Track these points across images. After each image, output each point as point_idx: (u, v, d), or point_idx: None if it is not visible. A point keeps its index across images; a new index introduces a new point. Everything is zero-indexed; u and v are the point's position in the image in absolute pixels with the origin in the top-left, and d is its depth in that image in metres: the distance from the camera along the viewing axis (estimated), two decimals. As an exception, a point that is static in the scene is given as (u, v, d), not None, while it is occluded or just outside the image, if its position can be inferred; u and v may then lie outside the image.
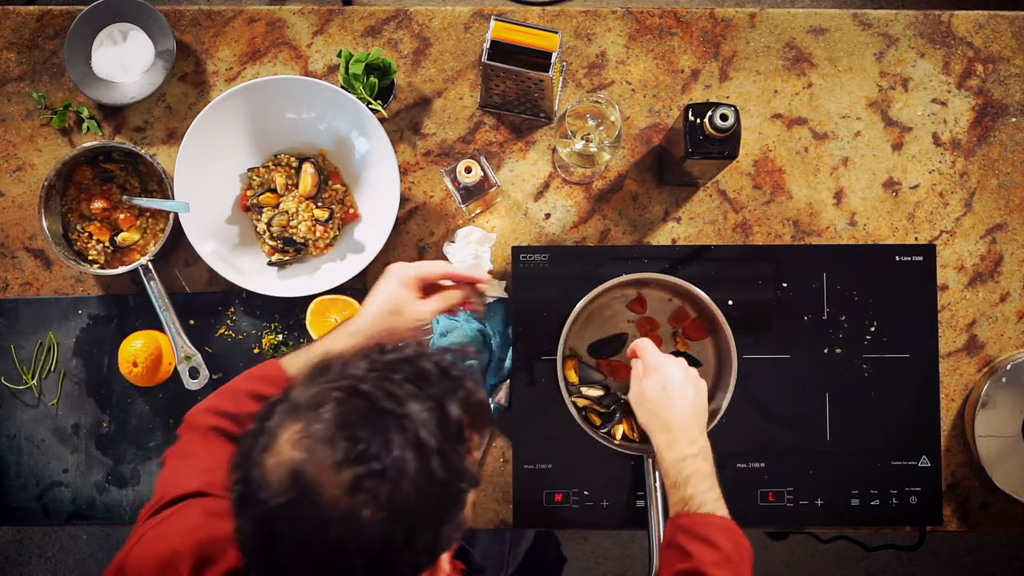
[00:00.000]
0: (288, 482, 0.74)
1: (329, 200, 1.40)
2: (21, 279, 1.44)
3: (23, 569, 2.36)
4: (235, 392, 1.10)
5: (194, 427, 1.08)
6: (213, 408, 1.08)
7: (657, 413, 1.17)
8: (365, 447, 0.74)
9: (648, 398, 1.18)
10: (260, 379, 1.10)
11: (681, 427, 1.15)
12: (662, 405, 1.17)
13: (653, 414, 1.17)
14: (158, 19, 1.41)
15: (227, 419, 1.07)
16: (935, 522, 1.39)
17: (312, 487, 0.73)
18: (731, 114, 1.19)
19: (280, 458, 0.75)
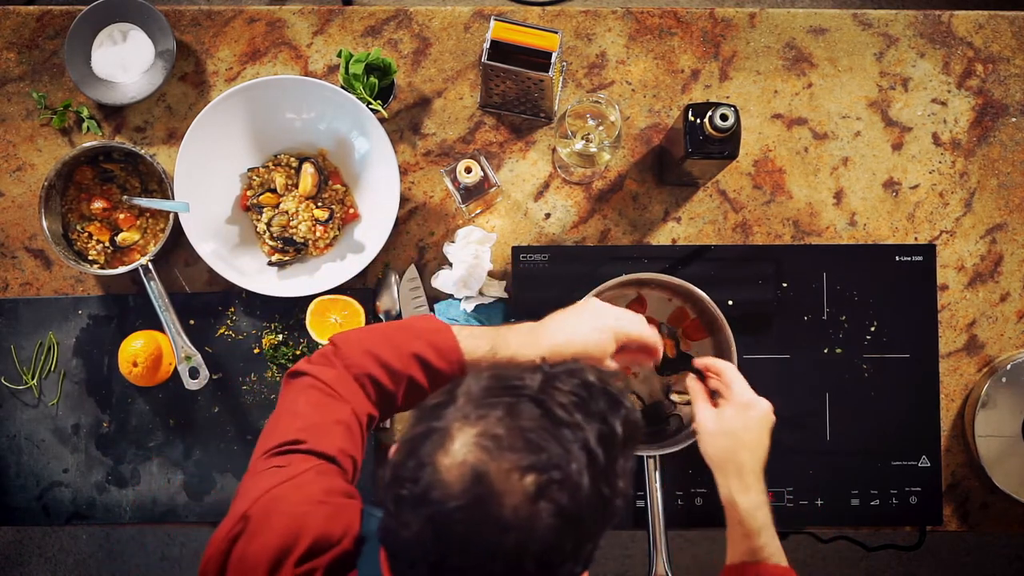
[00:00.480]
0: (470, 484, 0.73)
1: (329, 200, 1.40)
2: (21, 279, 1.44)
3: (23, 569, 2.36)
4: (401, 349, 1.04)
5: (349, 364, 1.03)
6: (376, 355, 1.03)
7: (735, 453, 1.13)
8: (548, 455, 0.74)
9: (729, 433, 1.13)
10: (433, 348, 1.05)
11: (755, 473, 1.13)
12: (743, 446, 1.13)
13: (730, 452, 1.13)
14: (158, 19, 1.41)
15: (387, 373, 1.03)
16: (935, 522, 1.39)
17: (495, 491, 0.73)
18: (731, 114, 1.19)
19: (457, 460, 0.74)
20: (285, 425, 0.98)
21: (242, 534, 0.88)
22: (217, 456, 1.40)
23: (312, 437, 0.96)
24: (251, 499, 0.90)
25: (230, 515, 0.91)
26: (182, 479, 1.40)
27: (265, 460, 0.96)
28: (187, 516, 1.41)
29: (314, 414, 0.99)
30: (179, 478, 1.41)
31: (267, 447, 0.97)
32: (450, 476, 0.74)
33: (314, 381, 1.02)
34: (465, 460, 0.74)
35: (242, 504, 0.90)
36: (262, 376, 1.41)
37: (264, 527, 0.88)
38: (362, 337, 1.07)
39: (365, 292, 1.41)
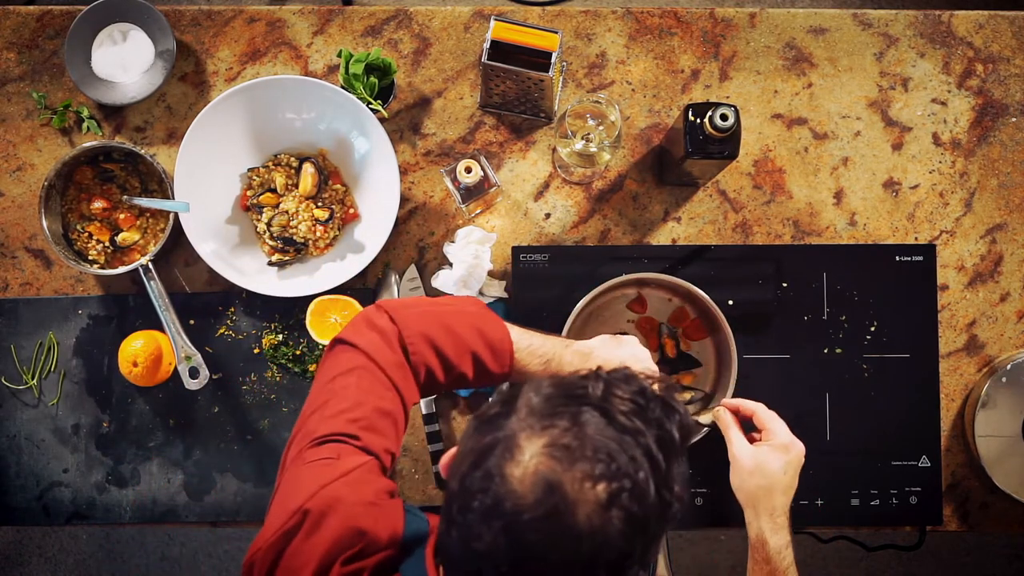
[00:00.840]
0: (543, 495, 0.74)
1: (329, 200, 1.40)
2: (21, 279, 1.44)
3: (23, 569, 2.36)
4: (461, 343, 1.03)
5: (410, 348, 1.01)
6: (436, 345, 1.02)
7: (771, 493, 1.15)
8: (616, 464, 0.75)
9: (767, 474, 1.15)
10: (489, 347, 1.05)
11: (787, 514, 1.15)
12: (779, 487, 1.15)
13: (765, 491, 1.15)
14: (158, 19, 1.41)
15: (442, 366, 1.02)
16: (935, 522, 1.39)
17: (568, 501, 0.74)
18: (731, 114, 1.19)
19: (529, 470, 0.75)
20: (335, 411, 0.96)
21: (299, 529, 0.88)
22: (217, 456, 1.40)
23: (363, 432, 0.96)
24: (308, 493, 0.89)
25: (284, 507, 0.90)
26: (182, 479, 1.41)
27: (314, 450, 0.94)
28: (187, 516, 1.41)
29: (366, 403, 0.97)
30: (179, 478, 1.41)
31: (316, 435, 0.95)
32: (522, 487, 0.74)
33: (368, 363, 1.00)
34: (537, 470, 0.74)
35: (298, 497, 0.90)
36: (262, 376, 1.41)
37: (321, 525, 0.88)
38: (421, 318, 1.04)
39: (365, 292, 1.41)
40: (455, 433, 1.41)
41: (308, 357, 1.41)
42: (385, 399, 0.99)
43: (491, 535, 0.75)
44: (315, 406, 0.98)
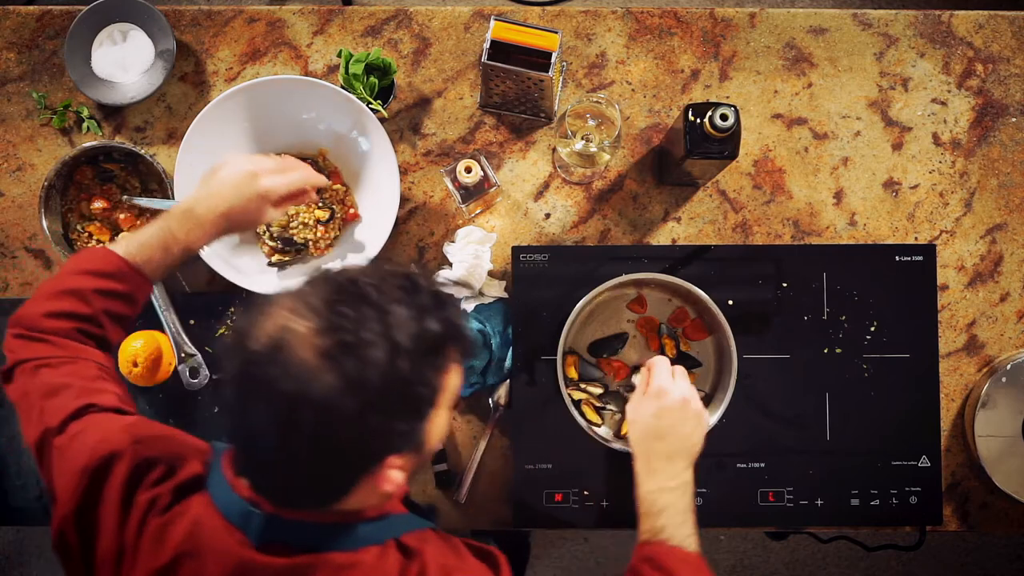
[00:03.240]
0: (271, 337, 0.84)
1: (329, 200, 1.40)
2: (21, 279, 1.44)
3: (23, 569, 2.36)
4: (80, 292, 1.07)
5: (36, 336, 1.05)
6: (59, 312, 1.06)
7: (643, 439, 1.15)
8: (341, 322, 0.84)
9: (639, 422, 1.16)
10: (105, 276, 1.09)
11: (665, 459, 1.13)
12: (651, 433, 1.15)
13: (639, 439, 1.15)
14: (158, 19, 1.41)
15: (84, 321, 1.07)
16: (935, 522, 1.39)
17: (287, 343, 0.83)
18: (731, 114, 1.19)
19: (271, 320, 0.86)
20: (55, 406, 1.00)
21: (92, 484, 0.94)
22: (217, 456, 1.40)
23: (92, 397, 1.01)
24: (86, 454, 0.95)
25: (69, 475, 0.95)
26: (182, 479, 1.40)
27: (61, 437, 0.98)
28: (187, 516, 1.41)
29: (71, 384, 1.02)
30: (179, 478, 1.40)
31: (53, 425, 0.99)
32: (261, 331, 0.85)
33: (41, 362, 1.04)
34: (276, 320, 0.85)
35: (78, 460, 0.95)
36: (262, 376, 1.41)
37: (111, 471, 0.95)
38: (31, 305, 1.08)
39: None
40: (455, 433, 1.41)
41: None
42: (80, 370, 1.04)
43: (230, 370, 0.87)
44: (34, 418, 1.01)
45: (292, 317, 0.85)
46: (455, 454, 1.40)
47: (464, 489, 1.39)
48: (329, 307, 0.85)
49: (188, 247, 1.13)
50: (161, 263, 1.12)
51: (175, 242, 1.12)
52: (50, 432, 0.99)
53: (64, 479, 0.96)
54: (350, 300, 0.86)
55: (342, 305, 0.85)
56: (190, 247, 1.14)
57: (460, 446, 1.41)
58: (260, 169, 1.15)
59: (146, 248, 1.11)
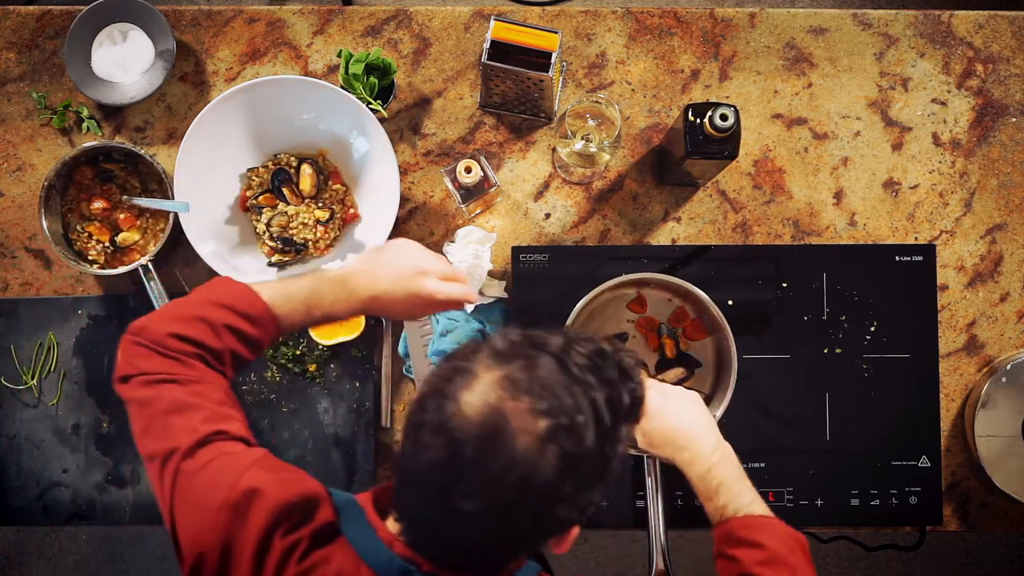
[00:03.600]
0: (488, 418, 0.80)
1: (329, 200, 1.40)
2: (21, 279, 1.44)
3: (23, 569, 2.36)
4: (214, 325, 1.03)
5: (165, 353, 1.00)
6: (184, 334, 1.01)
7: (666, 436, 1.15)
8: (560, 404, 0.81)
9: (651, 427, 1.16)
10: (244, 317, 1.04)
11: (694, 441, 1.14)
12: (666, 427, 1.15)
13: (664, 439, 1.15)
14: (158, 19, 1.41)
15: (211, 355, 1.03)
16: (935, 522, 1.39)
17: (509, 427, 0.80)
18: (731, 114, 1.19)
19: (480, 397, 0.81)
20: (182, 427, 0.97)
21: (231, 522, 0.90)
22: (217, 456, 1.40)
23: (220, 424, 0.97)
24: (226, 487, 0.91)
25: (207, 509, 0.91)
26: (182, 479, 1.40)
27: (189, 461, 0.95)
28: (187, 516, 1.41)
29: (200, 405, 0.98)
30: (179, 478, 1.40)
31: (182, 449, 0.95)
32: (470, 409, 0.81)
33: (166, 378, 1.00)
34: (486, 398, 0.81)
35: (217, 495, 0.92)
36: (262, 376, 1.41)
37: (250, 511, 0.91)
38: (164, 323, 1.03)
39: (365, 292, 1.41)
40: (455, 433, 1.41)
41: (308, 357, 1.41)
42: (208, 392, 1.00)
43: (437, 448, 0.82)
44: (157, 431, 0.98)
45: (504, 396, 0.81)
46: (455, 454, 1.40)
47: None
48: (541, 384, 0.82)
49: (330, 315, 1.10)
50: (298, 321, 1.09)
51: (319, 307, 1.09)
52: (178, 453, 0.95)
53: (200, 514, 0.92)
54: (559, 378, 0.83)
55: (553, 383, 0.82)
56: (331, 315, 1.10)
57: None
58: (429, 269, 1.12)
59: (291, 302, 1.08)
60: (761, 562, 1.04)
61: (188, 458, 0.94)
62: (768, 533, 1.07)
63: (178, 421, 0.97)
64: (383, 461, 1.41)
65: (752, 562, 1.04)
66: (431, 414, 0.83)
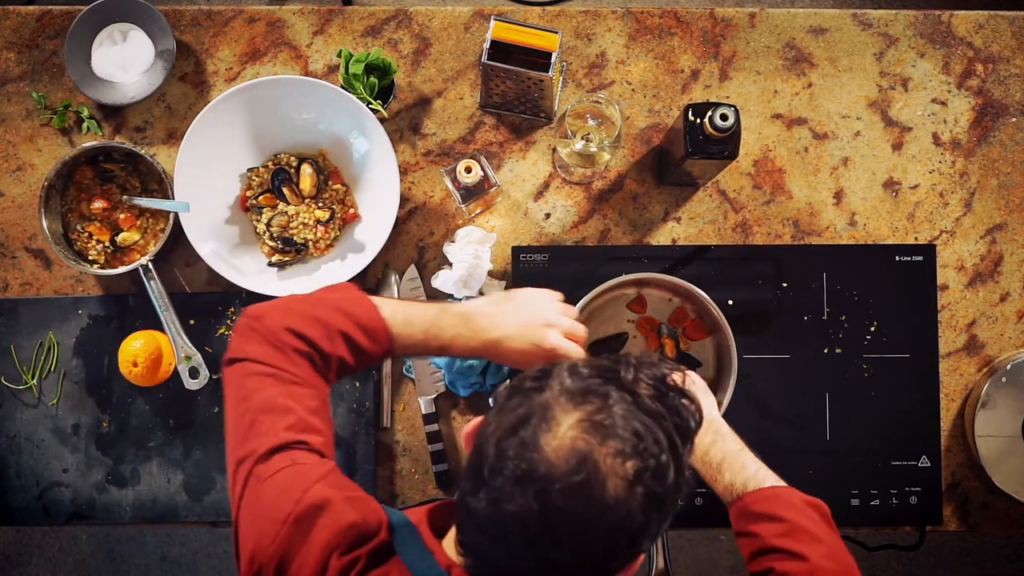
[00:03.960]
0: (576, 465, 0.78)
1: (329, 200, 1.40)
2: (21, 279, 1.44)
3: (23, 569, 2.36)
4: (329, 326, 1.03)
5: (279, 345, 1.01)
6: (301, 332, 1.02)
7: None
8: (642, 442, 0.80)
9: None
10: (360, 328, 1.05)
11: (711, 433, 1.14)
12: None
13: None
14: (158, 19, 1.41)
15: (320, 356, 1.03)
16: (935, 522, 1.39)
17: (599, 473, 0.78)
18: (731, 114, 1.19)
19: (565, 442, 0.79)
20: (268, 426, 0.97)
21: (294, 535, 0.91)
22: (217, 456, 1.40)
23: (304, 435, 0.97)
24: (293, 500, 0.92)
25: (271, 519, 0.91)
26: (182, 479, 1.41)
27: (265, 465, 0.95)
28: (187, 516, 1.41)
29: (292, 408, 0.99)
30: (179, 478, 1.41)
31: (260, 452, 0.96)
32: (557, 457, 0.79)
33: (271, 370, 1.01)
34: (573, 443, 0.79)
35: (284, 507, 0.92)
36: (262, 376, 1.41)
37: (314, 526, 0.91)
38: (284, 315, 1.04)
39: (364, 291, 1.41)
40: (455, 433, 1.41)
41: (308, 357, 1.41)
42: (304, 397, 1.00)
43: (524, 499, 0.79)
44: (244, 427, 0.98)
45: (591, 440, 0.79)
46: (455, 454, 1.41)
47: (464, 489, 1.39)
48: (622, 424, 0.80)
49: (446, 348, 1.10)
50: (411, 347, 1.09)
51: (437, 338, 1.09)
52: (255, 456, 0.95)
53: (263, 524, 0.92)
54: (635, 412, 0.81)
55: (634, 421, 0.81)
56: (448, 349, 1.10)
57: (460, 446, 1.41)
58: (555, 322, 1.12)
59: (410, 326, 1.08)
60: (782, 534, 1.04)
61: (262, 463, 0.95)
62: (784, 503, 1.07)
63: (265, 422, 0.97)
64: (383, 461, 1.41)
65: (772, 535, 1.04)
66: (512, 461, 0.80)
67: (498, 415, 0.84)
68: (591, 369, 0.85)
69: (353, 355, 1.05)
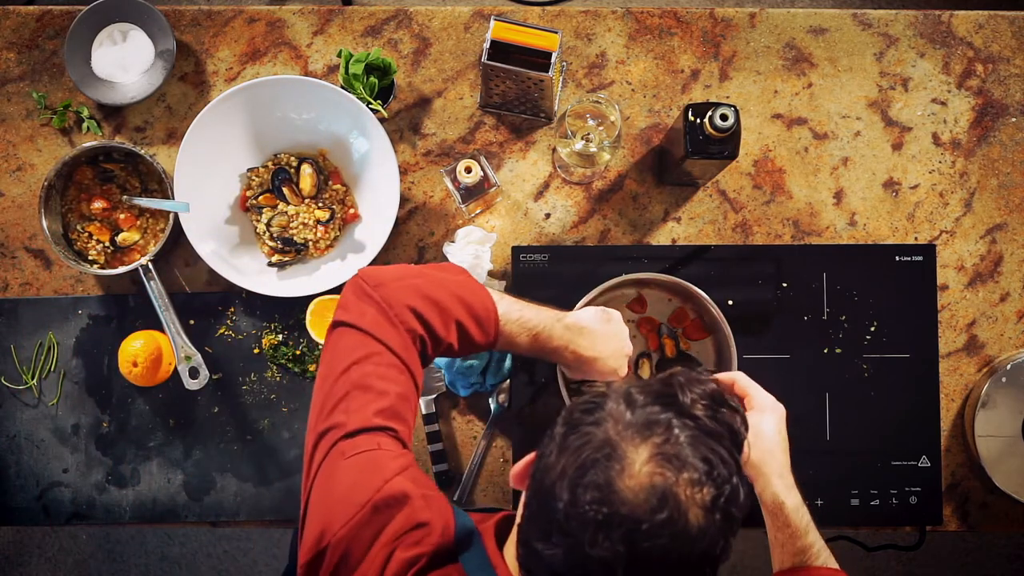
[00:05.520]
0: (658, 503, 0.78)
1: (330, 200, 1.40)
2: (21, 279, 1.44)
3: (23, 569, 2.36)
4: (447, 312, 1.04)
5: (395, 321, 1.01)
6: (420, 315, 1.03)
7: (774, 454, 1.14)
8: (716, 468, 0.80)
9: (766, 438, 1.14)
10: (473, 317, 1.06)
11: (790, 472, 1.14)
12: (779, 448, 1.14)
13: (771, 454, 1.14)
14: (158, 19, 1.41)
15: (430, 336, 1.04)
16: (935, 522, 1.39)
17: (681, 507, 0.78)
18: (731, 114, 1.19)
19: (641, 481, 0.78)
20: (361, 403, 0.97)
21: (370, 521, 0.91)
22: (217, 456, 1.40)
23: (392, 421, 0.98)
24: (374, 487, 0.92)
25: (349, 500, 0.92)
26: (182, 479, 1.41)
27: (350, 442, 0.96)
28: (187, 516, 1.41)
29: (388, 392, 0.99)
30: (179, 478, 1.41)
31: (348, 428, 0.96)
32: (637, 497, 0.78)
33: (378, 345, 1.00)
34: (651, 480, 0.78)
35: (365, 491, 0.92)
36: (262, 376, 1.41)
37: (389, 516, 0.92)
38: (405, 291, 1.04)
39: (365, 292, 1.41)
40: (455, 433, 1.41)
41: (308, 357, 1.41)
42: (401, 383, 1.01)
43: (609, 543, 0.78)
44: (337, 397, 0.99)
45: (667, 474, 0.78)
46: (455, 454, 1.40)
47: (464, 489, 1.39)
48: (691, 452, 0.80)
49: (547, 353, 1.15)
50: (517, 344, 1.12)
51: (543, 345, 1.14)
52: (342, 429, 0.96)
53: (339, 502, 0.93)
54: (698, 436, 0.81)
55: (700, 447, 0.80)
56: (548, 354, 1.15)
57: (460, 446, 1.41)
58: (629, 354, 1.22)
59: (522, 326, 1.11)
60: None
61: (348, 439, 0.95)
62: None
63: (360, 399, 0.97)
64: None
65: None
66: (590, 506, 0.78)
67: (560, 456, 0.83)
68: (646, 396, 0.84)
69: (461, 343, 1.07)
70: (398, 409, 0.99)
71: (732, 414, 0.85)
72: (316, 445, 0.97)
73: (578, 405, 0.86)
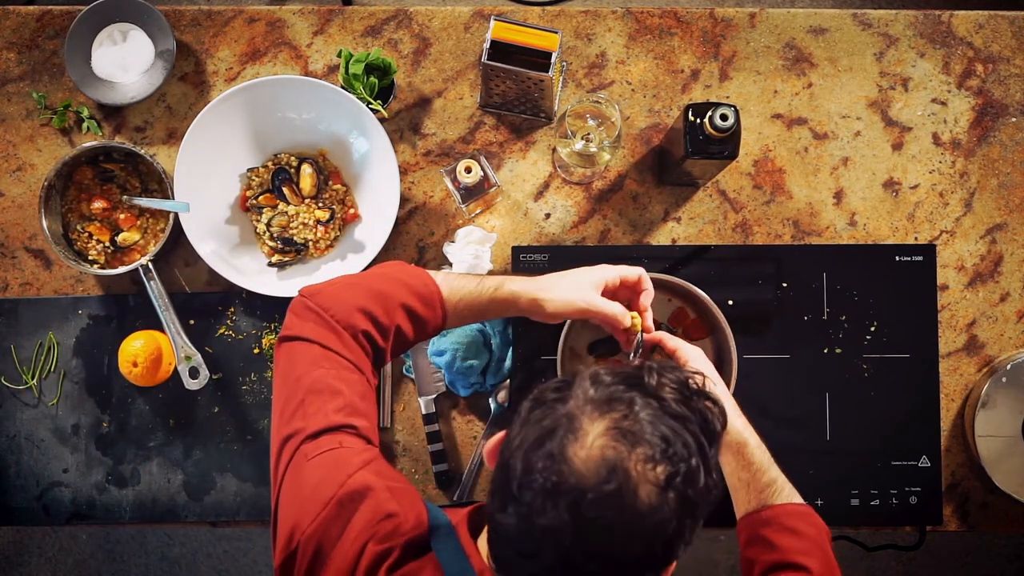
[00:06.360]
0: (607, 475, 0.77)
1: (330, 200, 1.40)
2: (21, 279, 1.44)
3: (23, 569, 2.36)
4: (388, 301, 1.06)
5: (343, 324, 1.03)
6: (362, 309, 1.04)
7: (727, 396, 1.16)
8: (672, 448, 0.79)
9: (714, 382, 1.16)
10: (417, 297, 1.08)
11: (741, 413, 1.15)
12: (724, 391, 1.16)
13: (725, 397, 1.16)
14: (158, 19, 1.41)
15: (375, 326, 1.05)
16: (935, 522, 1.39)
17: (631, 481, 0.77)
18: (731, 114, 1.19)
19: (595, 452, 0.78)
20: (318, 406, 0.99)
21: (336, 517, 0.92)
22: (217, 456, 1.40)
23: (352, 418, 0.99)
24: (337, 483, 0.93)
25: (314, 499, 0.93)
26: (182, 479, 1.41)
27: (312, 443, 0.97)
28: (187, 516, 1.41)
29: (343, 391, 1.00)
30: (179, 478, 1.41)
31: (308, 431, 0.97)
32: (586, 467, 0.78)
33: (324, 351, 1.02)
34: (602, 452, 0.78)
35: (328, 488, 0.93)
36: (262, 376, 1.41)
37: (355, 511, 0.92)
38: (343, 291, 1.07)
39: (365, 292, 1.41)
40: (455, 433, 1.41)
41: (308, 357, 1.41)
42: (353, 382, 1.02)
43: (555, 512, 0.78)
44: (294, 405, 1.00)
45: (620, 448, 0.78)
46: (455, 454, 1.41)
47: (464, 489, 1.39)
48: (649, 429, 0.79)
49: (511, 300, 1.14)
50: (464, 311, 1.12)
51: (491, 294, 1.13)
52: (303, 434, 0.97)
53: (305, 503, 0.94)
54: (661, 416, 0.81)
55: (661, 426, 0.80)
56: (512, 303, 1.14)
57: (460, 446, 1.41)
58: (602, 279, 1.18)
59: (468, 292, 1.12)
60: (802, 551, 1.06)
61: (310, 441, 0.96)
62: (806, 522, 1.09)
63: (315, 403, 0.98)
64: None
65: (794, 550, 1.06)
66: (540, 475, 0.79)
67: (522, 428, 0.83)
68: (614, 377, 0.84)
69: (412, 325, 1.08)
70: (356, 406, 1.00)
71: (707, 405, 0.85)
72: (280, 452, 0.99)
73: (550, 385, 0.87)
